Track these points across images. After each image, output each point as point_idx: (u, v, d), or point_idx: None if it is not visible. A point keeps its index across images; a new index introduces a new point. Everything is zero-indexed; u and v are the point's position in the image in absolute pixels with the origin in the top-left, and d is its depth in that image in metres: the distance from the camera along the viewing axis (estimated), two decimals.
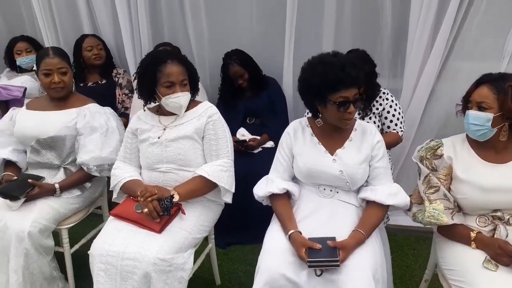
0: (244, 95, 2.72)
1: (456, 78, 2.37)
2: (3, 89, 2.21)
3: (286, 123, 2.73)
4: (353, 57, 1.64)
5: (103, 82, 2.83)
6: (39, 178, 1.90)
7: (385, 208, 1.59)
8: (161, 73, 1.71)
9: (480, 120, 1.48)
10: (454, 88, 2.28)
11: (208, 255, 2.04)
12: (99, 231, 1.69)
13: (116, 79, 2.86)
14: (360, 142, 1.63)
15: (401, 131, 2.20)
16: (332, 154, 1.61)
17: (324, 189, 1.64)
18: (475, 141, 1.56)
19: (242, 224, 2.46)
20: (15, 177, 1.89)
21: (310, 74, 1.54)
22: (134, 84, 1.92)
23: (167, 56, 1.74)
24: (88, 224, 2.15)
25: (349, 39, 2.60)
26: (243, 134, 2.61)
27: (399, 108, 2.21)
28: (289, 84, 2.79)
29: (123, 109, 2.82)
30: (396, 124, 2.19)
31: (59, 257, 1.96)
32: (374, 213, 1.57)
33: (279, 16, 2.66)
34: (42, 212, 1.81)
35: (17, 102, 2.27)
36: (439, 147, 1.61)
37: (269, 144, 2.64)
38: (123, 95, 2.85)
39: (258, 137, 2.62)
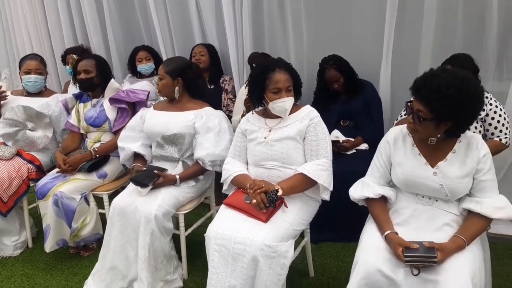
0: (339, 98, 2.79)
1: None
2: (131, 92, 2.59)
3: (381, 127, 2.80)
4: (451, 78, 1.42)
5: (211, 87, 3.11)
6: (163, 169, 2.21)
7: (489, 220, 1.55)
8: (269, 80, 1.90)
9: None
10: None
11: (303, 248, 2.17)
12: (208, 218, 1.90)
13: (223, 85, 3.15)
14: (464, 156, 1.56)
15: (506, 137, 2.13)
16: (433, 166, 1.58)
17: (423, 197, 1.63)
18: None
19: (335, 222, 2.53)
20: (144, 168, 2.22)
21: None
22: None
23: (275, 64, 1.92)
24: (197, 213, 2.43)
25: (451, 39, 2.54)
26: (337, 136, 2.68)
27: (504, 113, 2.14)
28: (386, 88, 2.80)
29: (227, 112, 3.08)
30: (500, 131, 2.13)
31: (173, 240, 2.24)
32: (477, 223, 1.54)
33: (377, 20, 2.70)
34: (165, 199, 2.11)
35: (142, 103, 2.65)
36: None
37: (363, 146, 2.69)
38: (228, 100, 3.13)
39: (352, 139, 2.68)
